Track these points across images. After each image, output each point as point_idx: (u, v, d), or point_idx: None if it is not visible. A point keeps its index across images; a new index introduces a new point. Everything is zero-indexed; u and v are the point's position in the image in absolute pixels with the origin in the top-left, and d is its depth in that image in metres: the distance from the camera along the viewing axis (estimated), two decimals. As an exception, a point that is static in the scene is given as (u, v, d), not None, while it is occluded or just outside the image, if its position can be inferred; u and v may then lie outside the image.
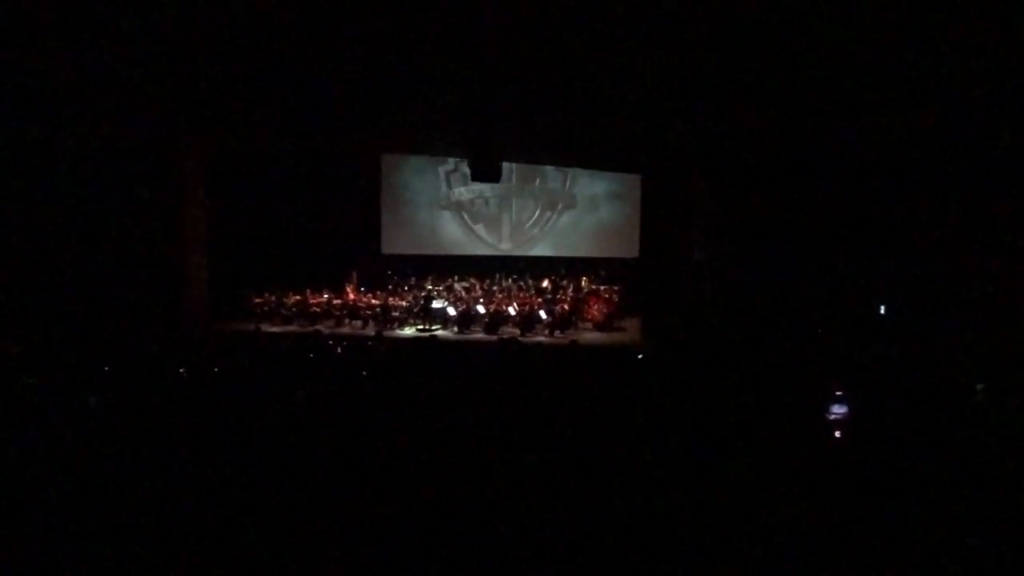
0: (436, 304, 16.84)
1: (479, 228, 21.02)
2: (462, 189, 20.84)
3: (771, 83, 11.04)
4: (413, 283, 18.52)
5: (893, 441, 5.61)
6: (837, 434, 5.87)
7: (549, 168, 20.34)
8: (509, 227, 20.89)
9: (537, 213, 20.79)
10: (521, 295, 17.43)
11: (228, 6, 9.67)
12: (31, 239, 15.28)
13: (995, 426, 6.05)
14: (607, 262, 19.42)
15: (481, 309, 16.59)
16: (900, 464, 4.98)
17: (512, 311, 16.39)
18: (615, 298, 17.25)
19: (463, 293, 17.66)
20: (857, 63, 10.14)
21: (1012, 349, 10.48)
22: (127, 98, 12.92)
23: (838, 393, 6.34)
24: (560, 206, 20.67)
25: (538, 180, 20.72)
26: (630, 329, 16.71)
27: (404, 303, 17.11)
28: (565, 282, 18.20)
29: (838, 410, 6.16)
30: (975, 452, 5.34)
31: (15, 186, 15.07)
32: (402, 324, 16.80)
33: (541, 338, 15.71)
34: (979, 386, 7.12)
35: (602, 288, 17.65)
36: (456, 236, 20.87)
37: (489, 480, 5.13)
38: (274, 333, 15.79)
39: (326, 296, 17.40)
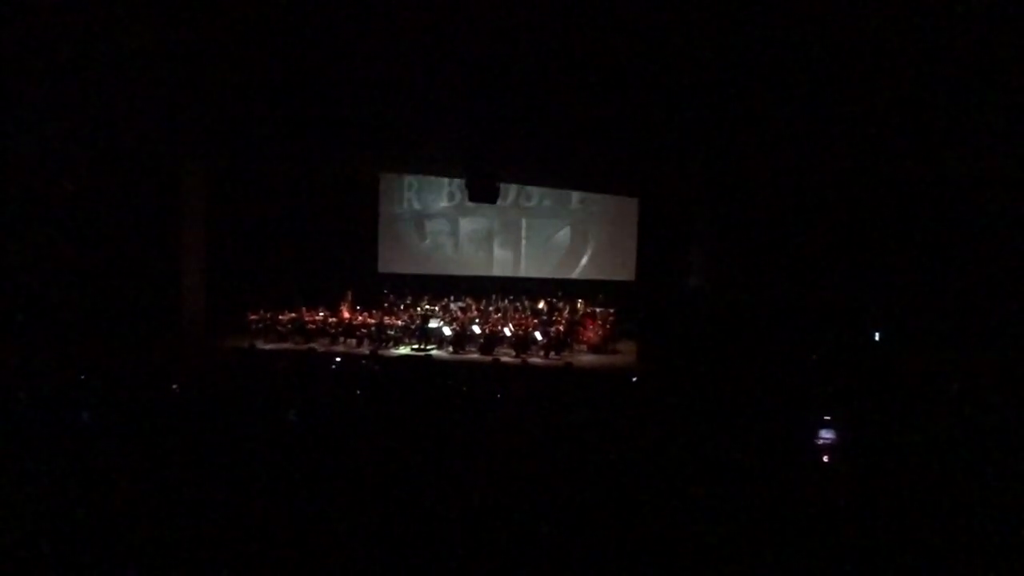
0: (432, 324, 16.83)
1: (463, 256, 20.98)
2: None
3: (769, 108, 11.12)
4: (409, 302, 18.52)
5: (880, 466, 5.63)
6: (825, 459, 5.89)
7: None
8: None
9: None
10: (517, 316, 17.43)
11: (229, 26, 9.73)
12: (29, 254, 15.29)
13: (985, 452, 6.06)
14: (603, 285, 19.41)
15: (477, 329, 16.59)
16: (887, 489, 4.99)
17: (508, 332, 16.39)
18: (611, 321, 17.26)
19: (459, 313, 17.65)
20: (856, 88, 10.22)
21: (1006, 377, 10.50)
22: (128, 118, 12.98)
23: (826, 418, 6.36)
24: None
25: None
26: (625, 352, 16.72)
27: (399, 322, 17.10)
28: (561, 304, 18.20)
29: (826, 435, 6.18)
30: (963, 477, 5.35)
31: (13, 202, 15.11)
32: (397, 343, 16.78)
33: (536, 359, 15.71)
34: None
35: (598, 311, 17.65)
36: (456, 255, 20.84)
37: (482, 499, 5.14)
38: (269, 350, 15.77)
39: (321, 314, 17.39)
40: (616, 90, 11.03)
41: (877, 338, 14.28)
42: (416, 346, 16.58)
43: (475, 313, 17.77)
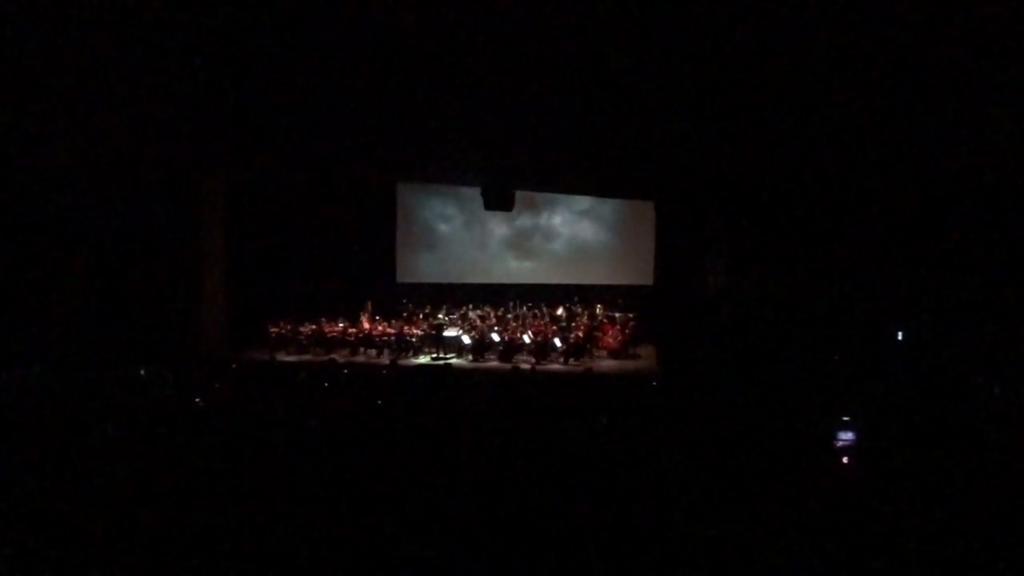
0: (450, 332, 16.87)
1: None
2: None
3: (786, 111, 11.08)
4: (428, 311, 18.55)
5: (900, 467, 5.58)
6: (844, 460, 5.86)
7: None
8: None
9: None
10: (535, 323, 17.42)
11: (246, 37, 9.82)
12: (48, 266, 15.44)
13: (1006, 453, 6.01)
14: (623, 289, 19.34)
15: (496, 337, 16.59)
16: (906, 490, 4.96)
17: (527, 339, 16.39)
18: (630, 326, 17.21)
19: (477, 321, 17.66)
20: (873, 92, 10.17)
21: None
22: (146, 129, 13.10)
23: (845, 419, 6.32)
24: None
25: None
26: (645, 357, 16.66)
27: (419, 331, 17.14)
28: (580, 309, 18.18)
29: (845, 436, 6.14)
30: (984, 478, 5.30)
31: (32, 213, 15.27)
32: (417, 352, 16.82)
33: (556, 366, 15.69)
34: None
35: (617, 315, 17.61)
36: (474, 263, 20.86)
37: (503, 504, 5.14)
38: (289, 362, 15.85)
39: (341, 325, 17.47)
40: (631, 95, 11.03)
41: (900, 338, 14.17)
42: (435, 355, 16.62)
43: (493, 321, 17.78)
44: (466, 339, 16.60)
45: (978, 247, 13.14)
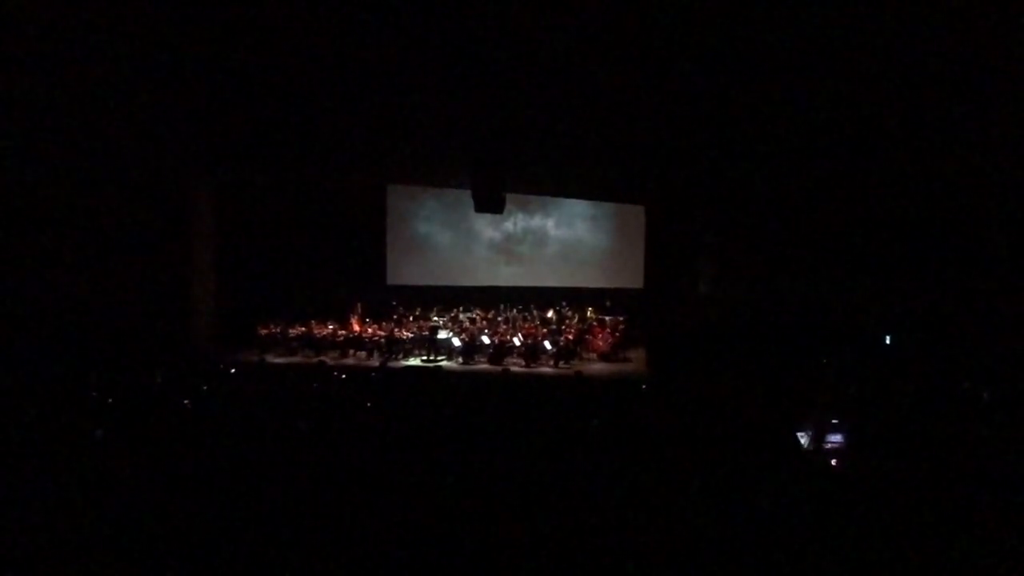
0: (441, 335, 16.85)
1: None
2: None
3: (775, 117, 11.13)
4: (418, 314, 18.52)
5: (889, 470, 5.61)
6: (833, 463, 5.88)
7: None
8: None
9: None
10: (526, 326, 17.41)
11: (237, 43, 9.82)
12: (38, 270, 15.36)
13: (993, 456, 6.04)
14: (613, 293, 19.36)
15: (486, 340, 16.59)
16: (896, 493, 4.98)
17: (517, 342, 16.38)
18: (620, 329, 17.22)
19: (468, 324, 17.65)
20: (863, 96, 10.23)
21: (1017, 381, 10.45)
22: (139, 131, 13.07)
23: (834, 422, 6.34)
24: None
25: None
26: (635, 360, 16.68)
27: (409, 334, 17.11)
28: (570, 312, 18.18)
29: (834, 439, 6.16)
30: (973, 481, 5.33)
31: (23, 217, 15.19)
32: (407, 355, 16.79)
33: (546, 369, 15.69)
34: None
35: (607, 319, 17.63)
36: (464, 266, 20.84)
37: (492, 508, 5.14)
38: (279, 364, 15.79)
39: (331, 327, 17.43)
40: (622, 99, 11.07)
41: (888, 341, 14.22)
42: (426, 357, 16.60)
43: (484, 323, 17.77)
44: (456, 342, 16.59)
45: (967, 252, 13.21)
